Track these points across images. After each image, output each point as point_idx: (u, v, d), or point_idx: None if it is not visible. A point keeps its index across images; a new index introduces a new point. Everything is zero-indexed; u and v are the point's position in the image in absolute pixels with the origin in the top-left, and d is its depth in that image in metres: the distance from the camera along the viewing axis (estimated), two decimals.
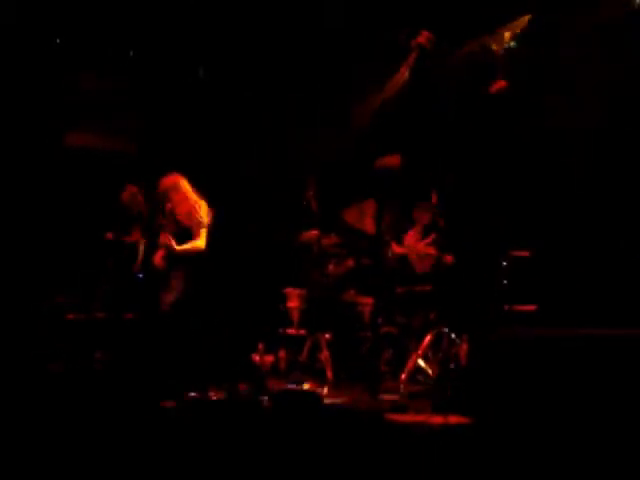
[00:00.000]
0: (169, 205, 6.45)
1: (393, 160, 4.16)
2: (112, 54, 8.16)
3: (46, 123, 8.41)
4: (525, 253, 5.31)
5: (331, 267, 6.34)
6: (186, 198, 6.48)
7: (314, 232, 6.43)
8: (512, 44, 6.54)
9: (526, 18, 6.06)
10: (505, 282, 4.67)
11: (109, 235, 7.35)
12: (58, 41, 7.81)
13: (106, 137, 9.17)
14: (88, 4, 7.44)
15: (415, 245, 6.10)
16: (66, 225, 7.88)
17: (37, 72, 8.01)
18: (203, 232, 6.36)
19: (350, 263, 6.32)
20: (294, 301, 6.61)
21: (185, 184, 6.58)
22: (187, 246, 6.32)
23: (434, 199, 5.95)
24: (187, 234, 6.40)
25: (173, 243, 6.27)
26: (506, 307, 4.82)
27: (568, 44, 5.70)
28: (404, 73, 4.12)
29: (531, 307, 5.08)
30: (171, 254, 6.34)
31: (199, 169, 7.23)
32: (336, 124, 8.41)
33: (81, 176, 8.22)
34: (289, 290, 6.67)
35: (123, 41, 8.11)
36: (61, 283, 7.55)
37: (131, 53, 8.36)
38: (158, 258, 6.43)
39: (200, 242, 6.33)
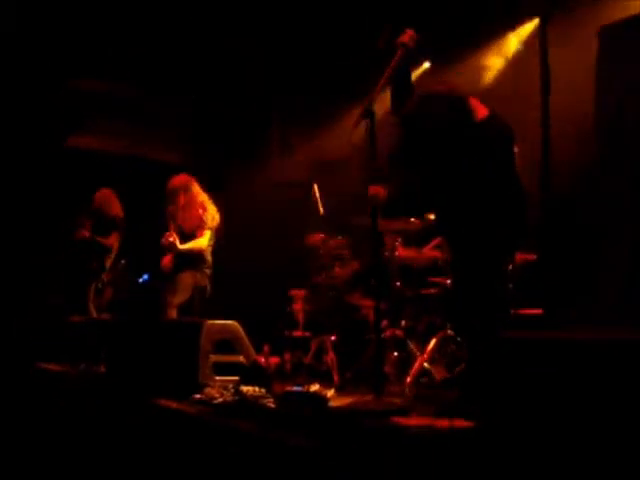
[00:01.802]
0: (174, 206, 6.48)
1: (379, 190, 4.17)
2: (114, 57, 8.20)
3: (47, 126, 8.45)
4: (532, 256, 5.30)
5: (337, 269, 6.35)
6: (194, 200, 6.50)
7: (320, 234, 6.44)
8: (519, 48, 6.56)
9: (534, 21, 6.06)
10: (511, 286, 4.65)
11: (84, 233, 7.37)
12: (61, 44, 7.83)
13: (107, 140, 9.22)
14: (91, 8, 7.48)
15: (421, 248, 6.10)
16: (53, 225, 7.93)
17: (39, 75, 8.04)
18: (207, 233, 6.38)
19: (356, 265, 6.33)
20: (300, 303, 6.63)
21: (194, 185, 6.60)
22: (189, 245, 6.35)
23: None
24: (192, 235, 6.43)
25: (177, 242, 6.29)
26: (512, 311, 4.81)
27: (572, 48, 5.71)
28: (388, 72, 4.11)
29: (537, 311, 5.08)
30: (174, 254, 6.37)
31: (203, 172, 7.28)
32: (335, 128, 8.45)
33: (81, 178, 8.26)
34: (295, 292, 6.69)
35: (126, 44, 8.14)
36: (56, 284, 7.59)
37: (133, 55, 8.40)
38: (166, 260, 6.45)
39: (202, 241, 6.35)
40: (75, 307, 7.17)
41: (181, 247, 6.32)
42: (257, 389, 4.20)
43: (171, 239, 6.26)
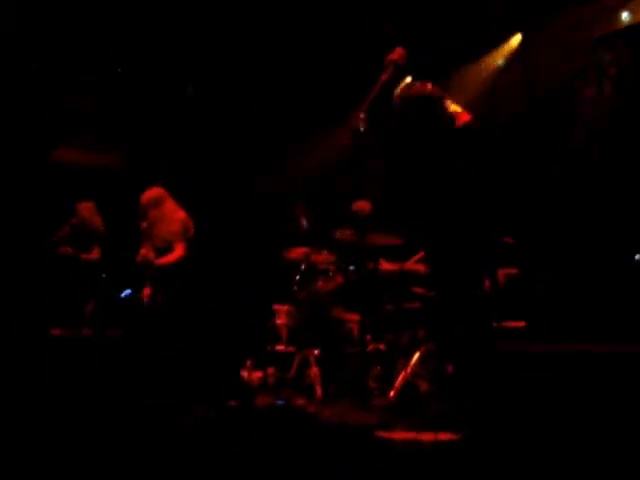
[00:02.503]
0: (147, 221, 6.47)
1: (364, 205, 4.21)
2: (100, 71, 8.20)
3: (33, 139, 8.42)
4: (513, 270, 5.34)
5: (320, 284, 6.35)
6: (165, 213, 6.49)
7: (303, 249, 6.44)
8: (501, 63, 6.64)
9: (517, 38, 6.15)
10: (494, 298, 4.68)
11: (67, 249, 7.34)
12: (47, 58, 7.83)
13: (93, 153, 9.19)
14: (77, 21, 7.49)
15: (404, 262, 6.12)
16: (34, 240, 7.89)
17: (25, 88, 8.03)
18: (182, 245, 6.38)
19: (339, 280, 6.33)
20: (283, 318, 6.61)
21: (166, 198, 6.59)
22: (165, 259, 6.33)
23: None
24: (168, 248, 6.41)
25: (152, 257, 6.28)
26: (495, 324, 4.83)
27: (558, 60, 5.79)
28: (377, 90, 4.16)
29: (520, 324, 5.10)
30: (151, 269, 6.36)
31: (185, 184, 7.27)
32: (320, 143, 8.49)
33: (64, 191, 8.23)
34: (278, 307, 6.67)
35: (111, 58, 8.15)
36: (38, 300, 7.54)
37: (119, 70, 8.40)
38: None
39: (178, 254, 6.35)
40: (61, 322, 7.12)
41: (157, 262, 6.31)
42: None
43: (147, 255, 6.25)
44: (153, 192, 6.58)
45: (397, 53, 4.27)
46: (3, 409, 4.48)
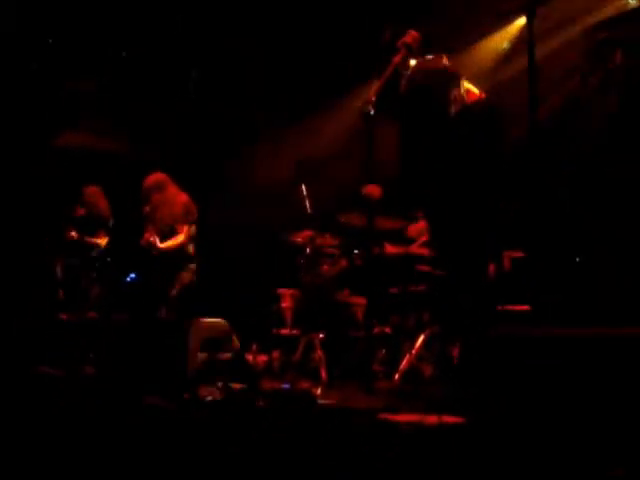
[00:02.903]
0: (150, 205, 6.49)
1: (374, 190, 4.18)
2: (105, 55, 8.18)
3: (37, 124, 8.42)
4: (519, 253, 5.32)
5: (325, 267, 6.35)
6: (167, 197, 6.52)
7: (308, 232, 6.44)
8: (505, 46, 6.60)
9: (521, 21, 6.10)
10: (498, 282, 4.67)
11: (72, 234, 7.36)
12: (50, 42, 7.81)
13: (98, 138, 9.18)
14: (80, 6, 7.46)
15: (408, 246, 6.11)
16: (42, 224, 7.90)
17: (30, 74, 8.02)
18: (185, 228, 6.41)
19: (344, 263, 6.33)
20: (287, 301, 6.62)
21: (168, 183, 6.61)
22: (169, 243, 6.37)
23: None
24: (171, 232, 6.44)
25: (157, 241, 6.31)
26: (499, 307, 4.82)
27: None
28: (389, 72, 4.12)
29: (524, 307, 5.09)
30: (155, 252, 6.38)
31: (190, 169, 7.27)
32: (325, 124, 8.45)
33: (70, 176, 8.23)
34: (282, 290, 6.68)
35: (116, 42, 8.12)
36: (47, 284, 7.56)
37: (124, 54, 8.37)
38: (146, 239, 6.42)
39: (181, 237, 6.38)
40: (67, 306, 7.15)
41: (161, 245, 6.34)
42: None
43: (151, 239, 6.29)
44: (155, 177, 6.61)
45: (410, 36, 4.23)
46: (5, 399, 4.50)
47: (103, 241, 7.58)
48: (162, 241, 6.36)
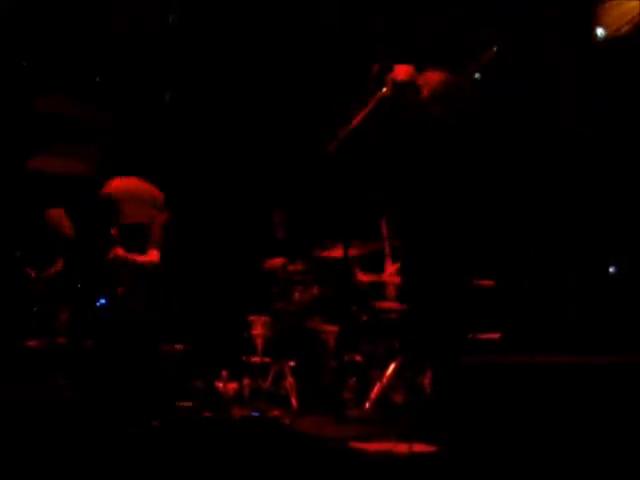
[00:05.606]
0: (120, 216, 6.36)
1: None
2: (78, 79, 8.15)
3: (10, 147, 8.34)
4: (490, 282, 5.36)
5: (296, 294, 6.34)
6: (129, 187, 6.40)
7: (280, 259, 6.43)
8: (477, 76, 6.67)
9: (492, 51, 6.18)
10: (469, 311, 4.69)
11: (29, 271, 7.22)
12: (24, 64, 7.78)
13: (68, 161, 9.10)
14: (54, 28, 7.45)
15: (380, 274, 6.13)
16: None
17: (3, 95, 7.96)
18: (156, 247, 6.29)
19: (315, 291, 6.33)
20: (258, 328, 6.57)
21: (142, 189, 6.50)
22: (139, 258, 6.22)
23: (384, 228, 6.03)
24: (141, 247, 6.30)
25: (122, 254, 6.17)
26: (470, 335, 4.84)
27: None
28: (373, 104, 4.13)
29: (495, 335, 5.12)
30: (123, 267, 6.25)
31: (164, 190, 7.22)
32: (304, 148, 8.46)
33: (39, 201, 8.13)
34: (253, 317, 6.64)
35: (90, 66, 8.10)
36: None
37: (97, 79, 8.35)
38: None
39: (152, 255, 6.26)
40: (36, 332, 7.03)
41: (130, 259, 6.15)
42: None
43: (118, 254, 6.13)
44: (126, 181, 6.49)
45: (401, 72, 4.20)
46: None
47: (59, 269, 7.42)
48: (131, 250, 6.20)
